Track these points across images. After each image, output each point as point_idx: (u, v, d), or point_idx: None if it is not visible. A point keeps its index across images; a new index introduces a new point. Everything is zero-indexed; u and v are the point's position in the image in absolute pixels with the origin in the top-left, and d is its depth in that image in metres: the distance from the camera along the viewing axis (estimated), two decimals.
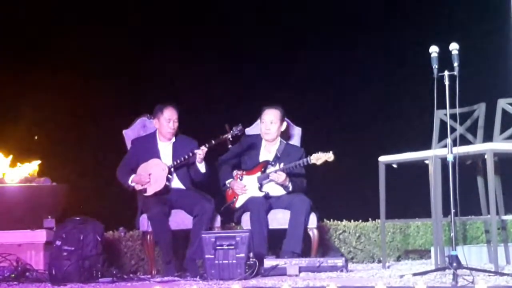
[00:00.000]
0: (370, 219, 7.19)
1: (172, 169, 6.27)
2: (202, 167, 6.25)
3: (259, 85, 7.81)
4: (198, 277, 5.58)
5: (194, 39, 7.90)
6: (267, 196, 6.27)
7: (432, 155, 5.63)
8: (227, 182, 6.40)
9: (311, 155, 6.18)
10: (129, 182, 6.25)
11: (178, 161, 6.23)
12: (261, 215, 6.09)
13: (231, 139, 6.19)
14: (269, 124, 6.39)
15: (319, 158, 6.14)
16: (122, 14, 7.72)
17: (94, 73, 7.64)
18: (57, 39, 7.59)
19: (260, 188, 6.31)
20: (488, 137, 5.84)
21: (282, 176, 6.22)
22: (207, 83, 7.85)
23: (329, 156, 6.12)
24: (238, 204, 6.32)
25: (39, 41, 7.61)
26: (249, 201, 6.24)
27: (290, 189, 6.29)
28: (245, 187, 6.32)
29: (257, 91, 7.70)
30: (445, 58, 5.11)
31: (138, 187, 6.24)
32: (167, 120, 6.32)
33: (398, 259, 7.14)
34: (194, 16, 7.97)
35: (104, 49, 7.56)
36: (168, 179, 6.24)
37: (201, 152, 6.15)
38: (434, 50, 5.16)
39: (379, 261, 6.80)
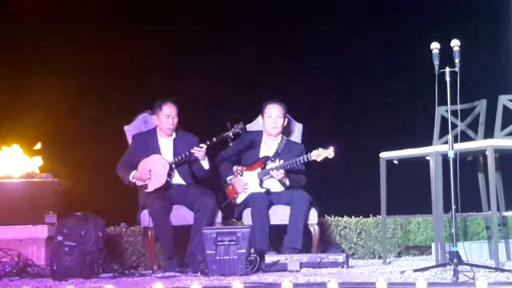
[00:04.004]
0: (371, 215, 7.20)
1: (173, 166, 6.27)
2: (205, 164, 6.26)
3: (259, 81, 7.81)
4: (199, 272, 5.58)
5: (194, 38, 7.89)
6: (268, 192, 6.28)
7: (433, 151, 5.63)
8: (228, 179, 6.40)
9: (311, 151, 6.19)
10: (130, 178, 6.25)
11: (180, 158, 6.23)
12: (262, 211, 6.10)
13: (232, 137, 6.19)
14: (276, 119, 6.39)
15: (319, 154, 6.14)
16: (122, 12, 7.72)
17: (95, 70, 7.64)
18: (57, 38, 7.59)
19: (261, 184, 6.32)
20: (489, 134, 5.84)
21: (280, 174, 6.23)
22: (207, 80, 7.85)
23: (329, 153, 6.12)
24: (239, 200, 6.33)
25: (40, 38, 7.60)
26: (250, 197, 6.24)
27: (287, 184, 6.29)
28: (246, 185, 6.32)
29: (257, 88, 7.70)
30: (446, 55, 5.11)
31: (139, 183, 6.24)
32: (166, 116, 6.32)
33: (399, 255, 7.15)
34: (194, 16, 7.96)
35: (106, 45, 7.55)
36: (169, 175, 6.24)
37: (200, 149, 6.15)
38: (435, 46, 5.15)
39: (380, 257, 6.81)
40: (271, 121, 6.40)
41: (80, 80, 7.53)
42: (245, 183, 6.33)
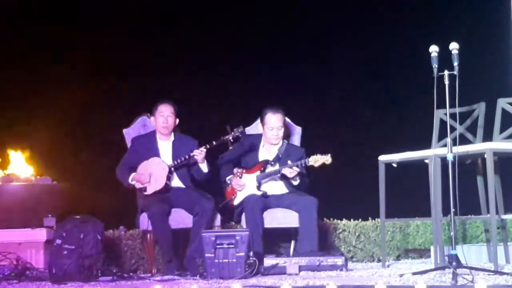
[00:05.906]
0: (370, 218, 7.19)
1: (173, 169, 6.27)
2: (204, 167, 6.26)
3: (258, 84, 7.81)
4: (198, 276, 5.58)
5: (194, 39, 7.90)
6: (265, 195, 6.27)
7: (432, 154, 5.63)
8: (227, 178, 6.40)
9: (309, 156, 6.18)
10: (129, 180, 6.25)
11: (179, 161, 6.23)
12: (256, 214, 6.08)
13: (232, 140, 6.19)
14: (277, 130, 6.37)
15: (317, 160, 6.12)
16: (122, 14, 7.72)
17: (94, 72, 7.64)
18: (57, 38, 7.59)
19: (259, 187, 6.31)
20: (487, 137, 5.85)
21: (294, 172, 6.17)
22: (207, 83, 7.85)
23: (327, 159, 6.10)
24: (236, 201, 6.33)
25: (39, 42, 7.61)
26: (245, 199, 6.24)
27: (296, 184, 6.25)
28: (243, 184, 6.32)
29: (256, 91, 7.70)
30: (445, 58, 5.12)
31: (138, 186, 6.24)
32: (160, 114, 6.33)
33: (398, 258, 7.14)
34: (194, 16, 7.97)
35: (105, 48, 7.56)
36: (168, 178, 6.24)
37: (199, 152, 6.15)
38: (434, 49, 5.16)
39: (379, 260, 6.81)
40: (273, 133, 6.36)
41: (80, 82, 7.53)
42: (243, 183, 6.33)
